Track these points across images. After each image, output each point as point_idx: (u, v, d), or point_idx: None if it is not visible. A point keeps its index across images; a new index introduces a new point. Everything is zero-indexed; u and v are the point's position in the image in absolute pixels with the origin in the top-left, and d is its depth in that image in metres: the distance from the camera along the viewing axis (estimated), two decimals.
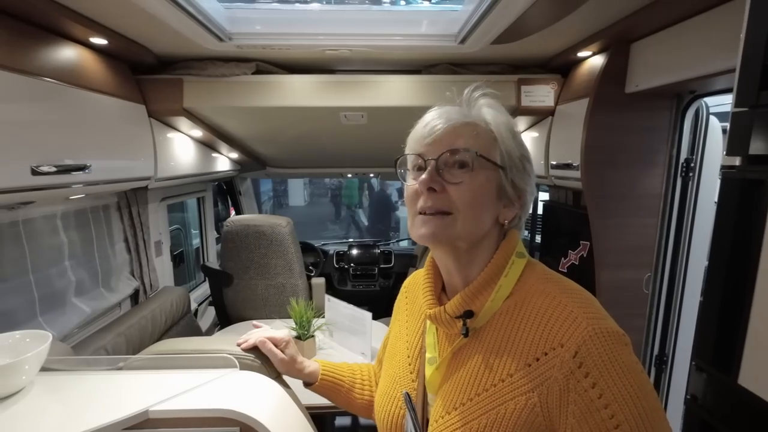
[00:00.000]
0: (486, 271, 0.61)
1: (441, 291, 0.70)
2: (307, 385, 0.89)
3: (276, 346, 0.86)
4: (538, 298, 0.59)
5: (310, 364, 0.89)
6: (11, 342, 0.75)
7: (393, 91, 1.76)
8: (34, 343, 0.75)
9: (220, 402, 0.69)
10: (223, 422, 0.68)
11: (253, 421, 0.68)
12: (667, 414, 1.69)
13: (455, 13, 1.41)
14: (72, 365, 0.80)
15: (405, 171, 0.67)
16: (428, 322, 0.69)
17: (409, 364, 0.71)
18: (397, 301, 0.84)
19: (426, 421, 0.64)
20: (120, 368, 0.81)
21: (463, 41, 1.45)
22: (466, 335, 0.61)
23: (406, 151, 0.66)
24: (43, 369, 0.76)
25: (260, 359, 0.84)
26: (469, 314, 0.60)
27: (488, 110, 0.64)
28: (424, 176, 0.60)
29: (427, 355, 0.67)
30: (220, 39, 1.39)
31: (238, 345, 0.84)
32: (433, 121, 0.63)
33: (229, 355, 0.79)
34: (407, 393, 0.64)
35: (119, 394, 0.73)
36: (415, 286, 0.79)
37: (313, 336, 1.77)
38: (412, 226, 0.63)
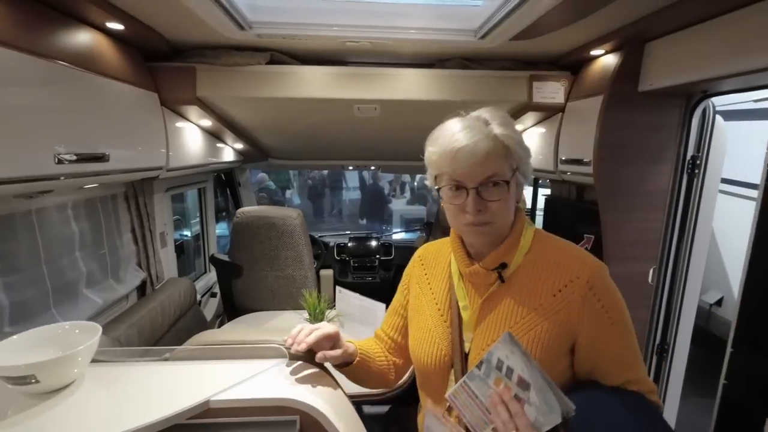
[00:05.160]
0: (511, 237, 0.81)
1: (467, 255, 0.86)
2: (341, 366, 0.91)
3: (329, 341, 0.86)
4: (550, 250, 0.82)
5: (349, 346, 0.92)
6: (60, 333, 0.74)
7: (407, 84, 1.76)
8: (83, 335, 0.74)
9: (278, 391, 0.70)
10: (282, 411, 0.69)
11: (312, 409, 0.69)
12: (666, 399, 1.78)
13: (476, 8, 1.42)
14: (119, 356, 0.79)
15: (441, 188, 0.80)
16: (455, 279, 0.86)
17: (441, 315, 0.87)
18: (410, 269, 1.00)
19: (465, 355, 0.81)
20: (166, 359, 0.81)
21: (483, 37, 1.46)
22: (503, 281, 0.79)
23: (436, 168, 0.80)
24: (92, 360, 0.76)
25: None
26: (503, 266, 0.79)
27: (501, 128, 0.77)
28: (470, 203, 0.76)
29: (461, 304, 0.84)
30: (241, 27, 1.36)
31: (287, 347, 0.82)
32: (459, 142, 0.74)
33: (279, 345, 0.80)
34: (508, 333, 0.70)
35: (172, 384, 0.73)
36: (431, 255, 0.97)
37: None
38: (464, 231, 0.82)
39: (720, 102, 1.56)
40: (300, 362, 0.81)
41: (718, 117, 1.55)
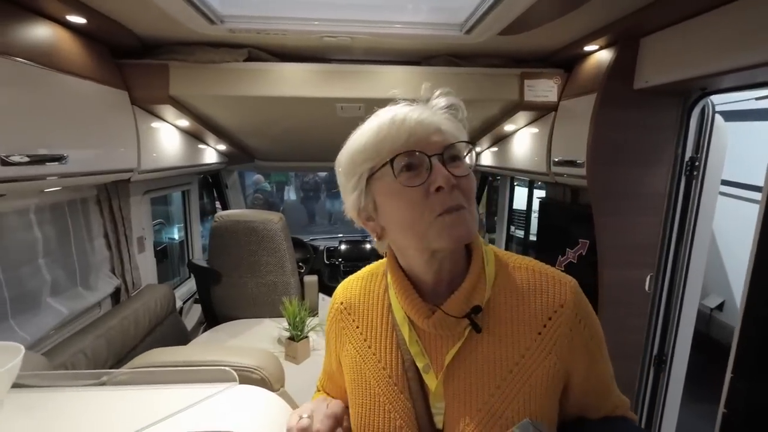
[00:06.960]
0: (476, 263, 0.62)
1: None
2: None
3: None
4: (518, 273, 0.64)
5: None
6: None
7: (392, 82, 1.68)
8: (3, 357, 0.66)
9: (222, 422, 0.62)
10: None
11: None
12: (664, 413, 1.69)
13: (462, 1, 1.34)
14: (48, 380, 0.71)
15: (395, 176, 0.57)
16: (403, 330, 0.64)
17: (395, 384, 0.64)
18: (333, 323, 0.74)
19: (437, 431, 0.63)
20: (103, 383, 0.73)
21: (469, 31, 1.38)
22: (479, 331, 0.60)
23: (372, 155, 0.58)
24: (14, 385, 0.67)
25: (262, 371, 0.77)
26: (477, 309, 0.60)
27: (450, 97, 0.63)
28: (439, 170, 0.56)
29: (419, 364, 0.63)
30: (212, 21, 1.29)
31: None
32: (408, 115, 0.58)
33: (227, 368, 0.72)
34: (529, 420, 0.55)
35: (104, 414, 0.65)
36: (357, 298, 0.72)
37: (306, 337, 1.70)
38: (432, 229, 0.56)
39: (721, 101, 1.49)
40: (252, 386, 0.73)
41: (717, 116, 1.47)
